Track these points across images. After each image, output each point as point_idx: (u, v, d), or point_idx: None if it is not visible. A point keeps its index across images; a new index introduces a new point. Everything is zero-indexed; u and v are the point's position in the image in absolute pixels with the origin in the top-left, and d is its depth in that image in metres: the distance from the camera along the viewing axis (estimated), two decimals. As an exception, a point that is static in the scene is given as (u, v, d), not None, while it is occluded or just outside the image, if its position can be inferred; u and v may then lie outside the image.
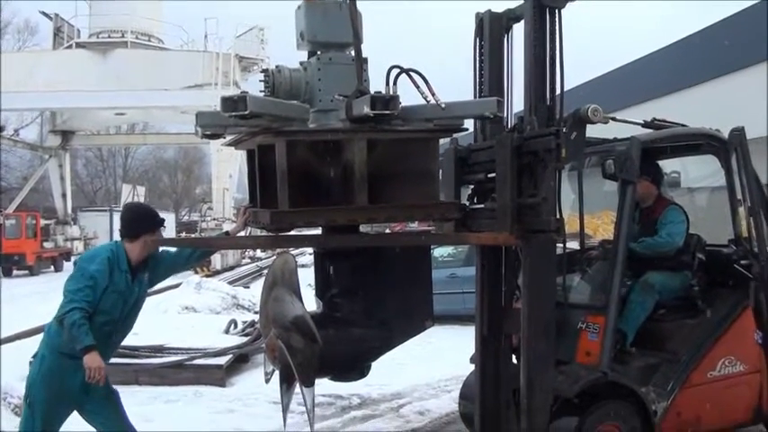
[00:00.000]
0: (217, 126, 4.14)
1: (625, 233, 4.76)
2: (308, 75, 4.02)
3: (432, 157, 4.00)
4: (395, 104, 3.56)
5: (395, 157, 3.91)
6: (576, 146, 4.11)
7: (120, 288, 4.21)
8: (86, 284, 4.09)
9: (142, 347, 8.63)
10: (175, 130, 37.16)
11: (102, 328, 4.16)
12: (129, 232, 4.34)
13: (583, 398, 4.50)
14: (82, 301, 4.02)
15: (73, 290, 4.09)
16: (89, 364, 3.89)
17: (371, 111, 3.50)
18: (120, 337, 4.43)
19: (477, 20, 4.76)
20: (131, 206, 5.00)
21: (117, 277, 4.20)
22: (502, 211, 4.08)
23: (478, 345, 4.79)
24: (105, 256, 4.23)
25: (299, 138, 3.73)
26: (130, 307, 4.32)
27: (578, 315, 4.89)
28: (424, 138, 3.97)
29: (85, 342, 3.92)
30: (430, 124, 3.95)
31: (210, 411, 7.12)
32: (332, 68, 4.02)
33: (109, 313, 4.18)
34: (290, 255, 4.51)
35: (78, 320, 3.94)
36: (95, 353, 3.92)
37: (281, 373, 4.19)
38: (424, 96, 3.84)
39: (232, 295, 13.97)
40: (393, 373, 7.56)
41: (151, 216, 4.50)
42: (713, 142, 5.24)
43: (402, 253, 4.32)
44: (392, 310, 4.28)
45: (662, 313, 5.19)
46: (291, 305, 3.99)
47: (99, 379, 3.93)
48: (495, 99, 4.11)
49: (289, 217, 3.73)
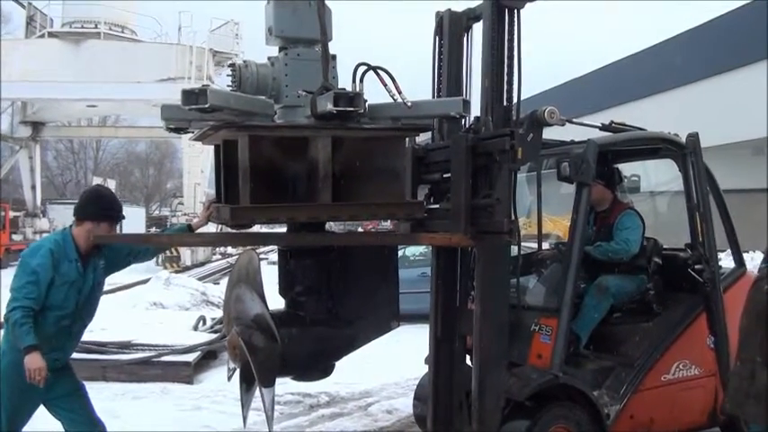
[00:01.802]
0: (181, 120, 4.07)
1: (580, 236, 4.76)
2: (275, 70, 3.96)
3: (398, 156, 3.94)
4: (359, 102, 3.51)
5: (361, 155, 3.86)
6: (532, 147, 4.09)
7: (70, 278, 4.09)
8: (28, 280, 3.99)
9: (110, 343, 8.54)
10: (147, 124, 36.75)
11: (59, 323, 4.08)
12: (77, 212, 4.22)
13: (535, 400, 4.49)
14: (24, 298, 3.93)
15: (16, 287, 4.00)
16: (29, 365, 3.82)
17: (335, 107, 3.45)
18: (80, 326, 4.31)
19: (437, 18, 4.74)
20: (93, 188, 4.88)
21: (65, 268, 4.08)
22: (456, 212, 4.06)
23: (432, 346, 4.77)
24: (47, 248, 4.09)
25: (263, 133, 3.66)
26: (86, 295, 4.20)
27: (532, 317, 4.89)
28: (390, 136, 3.93)
29: (26, 342, 3.84)
30: (397, 123, 3.92)
31: (178, 408, 7.07)
32: (299, 64, 3.95)
33: (62, 307, 4.08)
34: (254, 252, 4.46)
35: (19, 320, 3.86)
36: (36, 353, 3.84)
37: (241, 372, 4.14)
38: (391, 95, 3.80)
39: (201, 291, 13.89)
40: (362, 372, 7.54)
41: (107, 204, 4.34)
42: (671, 146, 5.26)
43: (368, 252, 4.28)
44: (357, 310, 4.23)
45: (617, 316, 5.21)
46: (253, 303, 3.95)
47: (39, 380, 3.84)
48: (461, 99, 4.08)
49: (249, 213, 3.67)
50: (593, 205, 5.25)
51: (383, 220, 4.41)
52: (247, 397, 4.26)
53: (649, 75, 19.08)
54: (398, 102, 3.81)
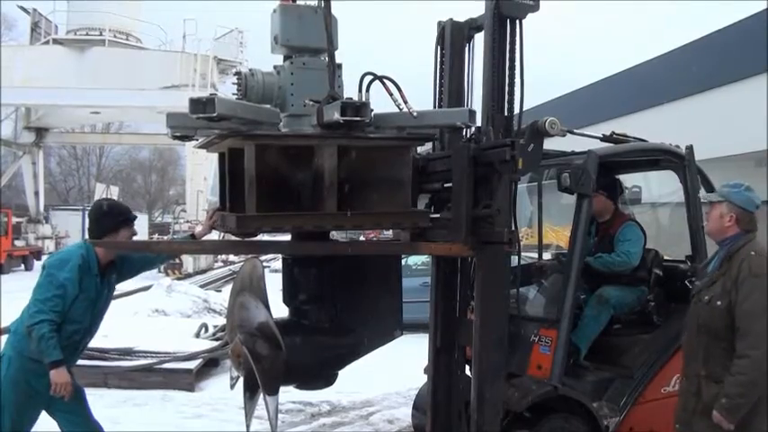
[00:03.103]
0: (187, 128, 4.07)
1: (580, 247, 4.75)
2: (281, 79, 3.95)
3: (403, 166, 3.93)
4: (365, 111, 3.50)
5: (366, 164, 3.84)
6: (532, 158, 4.08)
7: (90, 294, 4.13)
8: (55, 294, 4.00)
9: (111, 350, 8.57)
10: (151, 131, 36.85)
11: (72, 337, 4.11)
12: (96, 229, 4.22)
13: (534, 411, 4.47)
14: (50, 311, 3.95)
15: (42, 299, 4.00)
16: (56, 380, 3.88)
17: (341, 117, 3.44)
18: (88, 339, 4.36)
19: (438, 28, 4.74)
20: (100, 203, 4.90)
21: (87, 282, 4.11)
22: (456, 222, 4.05)
23: (432, 356, 4.75)
24: (76, 263, 4.10)
25: (269, 142, 3.66)
26: (98, 310, 4.25)
27: (531, 328, 4.87)
28: (395, 146, 3.93)
29: (53, 357, 3.88)
30: (403, 132, 3.92)
31: (179, 416, 7.08)
32: (305, 73, 3.94)
33: (79, 322, 4.12)
34: (258, 260, 4.45)
35: (47, 334, 3.88)
36: (63, 369, 3.90)
37: (245, 380, 4.12)
38: (396, 104, 3.80)
39: (203, 299, 13.89)
40: (364, 381, 7.51)
41: (120, 212, 4.37)
42: (672, 158, 5.25)
43: (372, 261, 4.27)
44: (360, 319, 4.21)
45: (617, 328, 5.20)
46: (257, 311, 3.92)
47: (65, 395, 3.91)
48: (467, 109, 4.07)
49: (255, 221, 3.65)
50: (594, 216, 5.24)
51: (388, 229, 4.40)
52: (251, 405, 4.23)
53: (651, 86, 19.09)
54: (404, 111, 3.80)
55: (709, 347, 3.66)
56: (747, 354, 3.49)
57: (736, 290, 3.57)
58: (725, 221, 3.76)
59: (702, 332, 3.68)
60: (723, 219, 3.76)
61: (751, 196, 3.79)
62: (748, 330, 3.51)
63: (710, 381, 3.62)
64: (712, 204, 3.85)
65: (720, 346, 3.62)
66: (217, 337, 9.89)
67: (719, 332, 3.61)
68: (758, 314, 3.50)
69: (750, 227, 3.76)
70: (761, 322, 3.49)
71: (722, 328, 3.60)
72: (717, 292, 3.65)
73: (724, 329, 3.60)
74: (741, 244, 3.70)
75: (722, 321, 3.60)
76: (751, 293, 3.53)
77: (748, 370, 3.48)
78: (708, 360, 3.65)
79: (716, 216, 3.81)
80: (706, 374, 3.64)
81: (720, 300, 3.62)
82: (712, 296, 3.67)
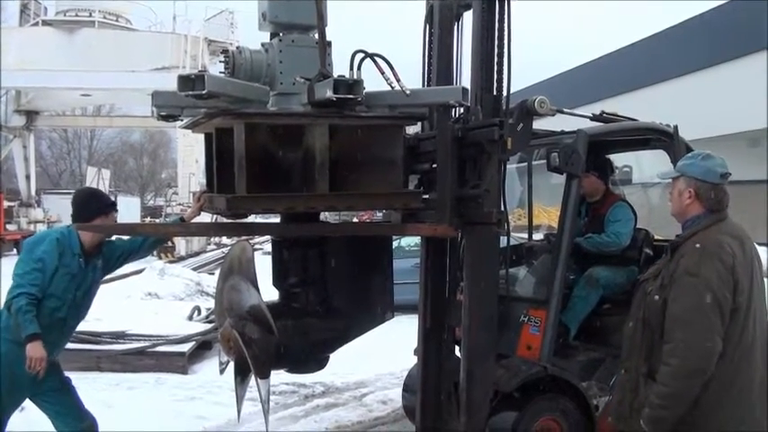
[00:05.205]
0: (173, 107, 4.02)
1: (569, 227, 4.74)
2: (270, 57, 3.88)
3: (395, 145, 3.90)
4: (358, 89, 3.47)
5: (358, 144, 3.81)
6: (521, 137, 4.06)
7: (72, 270, 4.10)
8: (33, 267, 3.99)
9: (104, 333, 8.56)
10: (142, 113, 36.61)
11: (54, 314, 4.06)
12: (82, 214, 4.23)
13: (523, 392, 4.48)
14: (29, 285, 3.93)
15: (20, 273, 3.99)
16: (31, 354, 3.81)
17: (334, 95, 3.41)
18: (73, 323, 4.31)
19: (427, 6, 4.68)
20: (81, 190, 4.98)
21: (68, 259, 4.09)
22: (441, 202, 4.02)
23: (421, 337, 4.74)
24: (54, 237, 4.12)
25: (259, 121, 3.61)
26: (84, 292, 4.21)
27: (521, 308, 4.87)
28: (387, 125, 3.88)
29: (30, 330, 3.83)
30: (394, 111, 3.88)
31: (172, 399, 7.06)
32: (294, 51, 3.88)
33: (60, 298, 4.07)
34: (247, 243, 4.41)
35: (24, 306, 3.85)
36: (38, 342, 3.83)
37: (235, 365, 4.09)
38: (388, 82, 3.74)
39: (196, 282, 13.86)
40: (357, 363, 7.55)
41: (100, 199, 4.41)
42: (662, 137, 5.22)
43: (362, 242, 4.24)
44: (351, 301, 4.21)
45: (607, 308, 5.19)
46: (248, 294, 3.88)
47: (39, 370, 3.84)
48: (461, 87, 3.99)
49: (246, 203, 3.61)
50: (584, 196, 5.22)
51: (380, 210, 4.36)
52: (242, 389, 4.22)
53: (643, 66, 19.07)
54: (396, 89, 3.74)
55: (651, 342, 3.21)
56: (668, 362, 3.04)
57: (670, 286, 3.11)
58: (684, 199, 3.23)
59: (645, 325, 3.23)
60: (682, 196, 3.24)
61: (709, 165, 3.21)
62: (671, 336, 3.05)
63: (650, 379, 3.17)
64: (673, 183, 3.32)
65: (662, 343, 3.13)
66: (210, 320, 9.84)
67: (660, 328, 3.15)
68: (684, 320, 3.02)
69: (715, 205, 3.21)
70: (687, 330, 3.01)
71: (661, 324, 3.14)
72: (656, 285, 3.21)
73: (663, 326, 3.14)
74: (702, 226, 3.19)
75: (661, 317, 3.13)
76: (681, 295, 3.05)
77: (668, 380, 3.03)
78: (650, 356, 3.19)
79: (675, 194, 3.29)
80: (646, 371, 3.19)
81: (658, 294, 3.17)
82: (652, 288, 3.23)
